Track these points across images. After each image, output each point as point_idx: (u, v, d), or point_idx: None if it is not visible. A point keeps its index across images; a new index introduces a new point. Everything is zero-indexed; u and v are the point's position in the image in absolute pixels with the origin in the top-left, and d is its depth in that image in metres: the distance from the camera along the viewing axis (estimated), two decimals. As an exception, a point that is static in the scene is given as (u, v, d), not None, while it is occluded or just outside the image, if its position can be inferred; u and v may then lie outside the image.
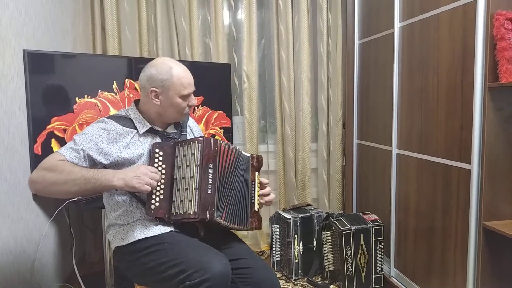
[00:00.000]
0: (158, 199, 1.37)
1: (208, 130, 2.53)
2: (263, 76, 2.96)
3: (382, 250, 2.28)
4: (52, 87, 1.95)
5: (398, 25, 2.14)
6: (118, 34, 2.61)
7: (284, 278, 2.47)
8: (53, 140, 1.92)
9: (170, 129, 1.55)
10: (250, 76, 2.78)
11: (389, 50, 2.22)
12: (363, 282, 2.27)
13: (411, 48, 2.05)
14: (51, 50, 2.03)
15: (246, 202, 1.51)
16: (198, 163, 1.37)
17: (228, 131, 2.63)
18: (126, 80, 2.17)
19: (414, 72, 2.03)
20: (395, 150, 2.21)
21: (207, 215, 1.35)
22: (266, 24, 2.91)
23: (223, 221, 1.41)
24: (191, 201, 1.35)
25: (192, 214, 1.34)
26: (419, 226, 2.05)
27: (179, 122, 1.57)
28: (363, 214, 2.39)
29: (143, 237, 1.40)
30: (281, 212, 2.52)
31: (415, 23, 2.01)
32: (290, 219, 2.42)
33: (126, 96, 2.17)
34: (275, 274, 1.46)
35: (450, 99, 1.79)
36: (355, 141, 2.73)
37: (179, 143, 1.43)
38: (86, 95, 2.03)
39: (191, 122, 1.68)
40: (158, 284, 1.38)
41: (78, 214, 2.40)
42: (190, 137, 1.59)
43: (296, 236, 2.43)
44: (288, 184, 2.93)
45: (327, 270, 2.38)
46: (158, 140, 1.48)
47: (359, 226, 2.26)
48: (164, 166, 1.40)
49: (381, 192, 2.40)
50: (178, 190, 1.38)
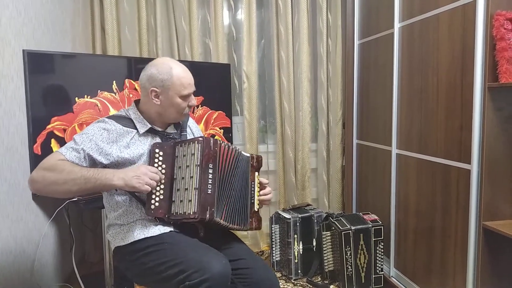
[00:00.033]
0: (158, 199, 1.38)
1: (208, 130, 2.53)
2: (263, 76, 2.95)
3: (382, 250, 2.28)
4: (51, 87, 1.95)
5: (398, 25, 2.14)
6: (118, 34, 2.61)
7: (284, 278, 2.47)
8: (52, 140, 1.92)
9: (170, 129, 1.55)
10: (250, 76, 2.78)
11: (389, 50, 2.22)
12: (363, 282, 2.27)
13: (411, 48, 2.06)
14: (51, 50, 2.03)
15: (245, 202, 1.51)
16: (198, 163, 1.37)
17: (227, 131, 2.63)
18: (126, 80, 2.17)
19: (414, 72, 2.03)
20: (395, 150, 2.22)
21: (207, 215, 1.35)
22: (265, 24, 2.91)
23: (223, 221, 1.41)
24: (191, 201, 1.35)
25: (192, 214, 1.34)
26: (419, 226, 2.05)
27: (179, 122, 1.57)
28: (363, 214, 2.39)
29: (143, 237, 1.40)
30: (281, 212, 2.52)
31: (415, 23, 2.01)
32: (290, 219, 2.42)
33: (125, 96, 2.17)
34: (275, 274, 1.46)
35: (450, 99, 1.80)
36: (355, 141, 2.73)
37: (179, 143, 1.43)
38: (86, 95, 2.03)
39: (191, 122, 1.68)
40: (158, 284, 1.39)
41: (77, 214, 2.40)
42: (190, 137, 1.59)
43: (296, 236, 2.43)
44: (288, 184, 2.93)
45: (327, 270, 2.38)
46: (158, 140, 1.48)
47: (359, 226, 2.26)
48: (164, 166, 1.40)
49: (380, 192, 2.40)
50: (178, 190, 1.38)
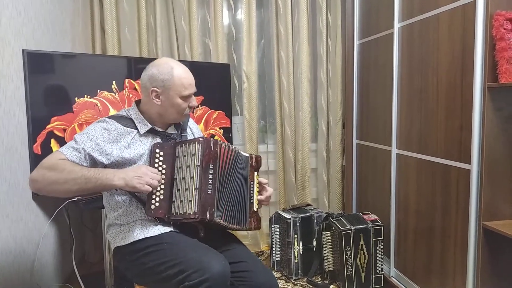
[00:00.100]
0: (158, 199, 1.38)
1: (207, 130, 2.53)
2: (263, 76, 2.95)
3: (382, 250, 2.28)
4: (51, 87, 1.95)
5: (397, 25, 2.14)
6: (118, 34, 2.61)
7: (284, 278, 2.47)
8: (52, 140, 1.92)
9: (171, 129, 1.55)
10: (250, 76, 2.78)
11: (388, 50, 2.22)
12: (363, 282, 2.27)
13: (411, 48, 2.06)
14: (51, 50, 2.03)
15: (245, 202, 1.51)
16: (199, 164, 1.37)
17: (227, 131, 2.63)
18: (126, 80, 2.17)
19: (414, 72, 2.03)
20: (395, 150, 2.22)
21: (207, 216, 1.35)
22: (265, 24, 2.90)
23: (223, 221, 1.42)
24: (191, 201, 1.35)
25: (192, 214, 1.34)
26: (419, 226, 2.05)
27: (180, 123, 1.57)
28: (363, 214, 2.39)
29: (143, 237, 1.40)
30: (281, 212, 2.52)
31: (415, 23, 2.01)
32: (290, 219, 2.42)
33: (125, 96, 2.17)
34: (275, 277, 1.47)
35: (449, 99, 1.80)
36: (355, 141, 2.73)
37: (180, 144, 1.43)
38: (86, 95, 2.03)
39: (191, 123, 1.68)
40: (158, 284, 1.39)
41: (77, 214, 2.40)
42: (190, 137, 1.59)
43: (296, 236, 2.43)
44: (287, 184, 2.93)
45: (327, 270, 2.38)
46: (159, 140, 1.48)
47: (359, 226, 2.26)
48: (164, 166, 1.40)
49: (380, 192, 2.40)
50: (178, 190, 1.38)
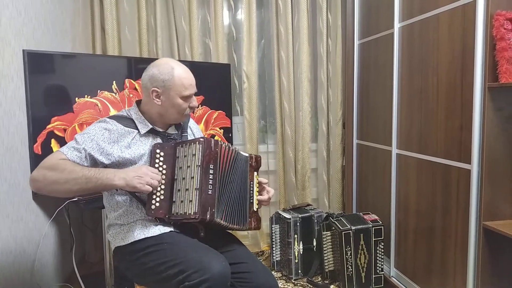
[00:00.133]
0: (158, 200, 1.38)
1: (208, 130, 2.53)
2: (263, 76, 2.95)
3: (382, 250, 2.28)
4: (52, 87, 1.95)
5: (397, 25, 2.14)
6: (118, 34, 2.61)
7: (284, 278, 2.47)
8: (53, 140, 1.92)
9: (171, 130, 1.55)
10: (250, 76, 2.78)
11: (389, 50, 2.22)
12: (363, 282, 2.27)
13: (411, 48, 2.06)
14: (51, 50, 2.03)
15: (245, 202, 1.51)
16: (199, 164, 1.37)
17: (228, 131, 2.63)
18: (126, 80, 2.17)
19: (414, 72, 2.03)
20: (395, 150, 2.22)
21: (208, 216, 1.35)
22: (265, 24, 2.91)
23: (223, 221, 1.42)
24: (192, 201, 1.35)
25: (192, 214, 1.34)
26: (419, 226, 2.05)
27: (180, 123, 1.57)
28: (363, 214, 2.39)
29: (143, 237, 1.40)
30: (281, 212, 2.52)
31: (415, 23, 2.01)
32: (290, 219, 2.42)
33: (126, 96, 2.17)
34: (275, 278, 1.47)
35: (450, 99, 1.80)
36: (355, 141, 2.73)
37: (180, 144, 1.43)
38: (86, 95, 2.03)
39: (192, 123, 1.68)
40: (158, 284, 1.39)
41: (78, 214, 2.40)
42: (190, 138, 1.59)
43: (296, 236, 2.43)
44: (288, 184, 2.93)
45: (327, 270, 2.38)
46: (159, 140, 1.48)
47: (359, 226, 2.26)
48: (165, 166, 1.41)
49: (381, 192, 2.40)
50: (179, 190, 1.38)
